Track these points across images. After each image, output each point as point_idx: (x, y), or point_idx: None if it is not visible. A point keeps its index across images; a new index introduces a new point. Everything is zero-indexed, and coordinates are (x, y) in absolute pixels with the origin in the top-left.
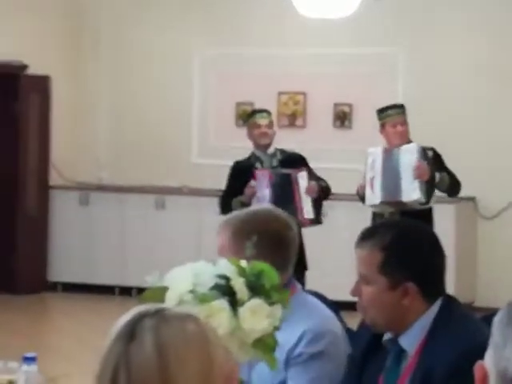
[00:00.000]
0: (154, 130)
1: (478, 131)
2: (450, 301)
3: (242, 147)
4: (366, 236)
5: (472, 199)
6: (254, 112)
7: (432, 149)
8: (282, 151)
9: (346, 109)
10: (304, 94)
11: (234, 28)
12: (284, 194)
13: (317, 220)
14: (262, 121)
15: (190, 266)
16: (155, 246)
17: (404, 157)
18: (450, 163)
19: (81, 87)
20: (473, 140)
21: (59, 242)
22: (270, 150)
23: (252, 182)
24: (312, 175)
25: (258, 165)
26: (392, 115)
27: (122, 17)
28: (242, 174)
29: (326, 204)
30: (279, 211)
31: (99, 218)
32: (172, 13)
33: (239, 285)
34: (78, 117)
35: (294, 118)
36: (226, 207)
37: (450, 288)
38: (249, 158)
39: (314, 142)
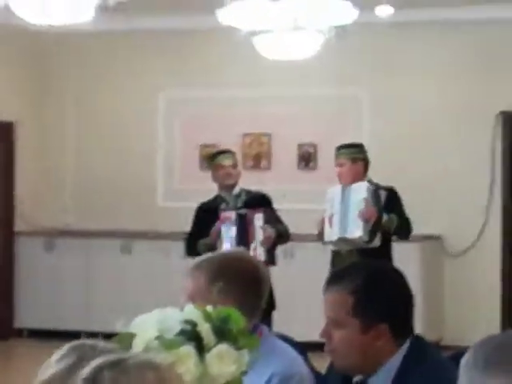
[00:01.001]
0: (120, 173)
1: (441, 170)
2: (418, 340)
3: (207, 190)
4: (335, 280)
5: (438, 237)
6: (218, 153)
7: (390, 189)
8: (247, 192)
9: (311, 149)
10: (268, 135)
11: (198, 70)
12: (241, 234)
13: (269, 262)
14: (226, 161)
15: (157, 312)
16: (122, 291)
17: (353, 195)
18: (414, 202)
19: (46, 132)
20: (437, 178)
21: (25, 288)
22: (235, 191)
23: (217, 224)
24: (272, 217)
25: (223, 206)
26: (337, 155)
27: (87, 61)
28: (207, 215)
29: (292, 244)
30: (251, 255)
31: (65, 263)
32: (137, 56)
33: (206, 330)
34: (43, 162)
35: (258, 160)
36: (191, 250)
37: (418, 326)
38: (214, 200)
39: (278, 183)
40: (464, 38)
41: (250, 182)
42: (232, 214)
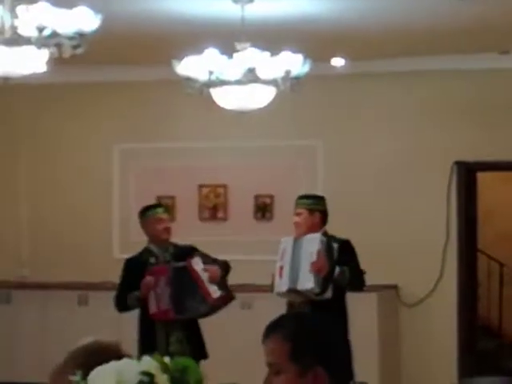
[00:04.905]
0: (76, 226)
1: (397, 220)
2: None
3: None
4: (272, 328)
5: (394, 287)
6: (154, 206)
7: (344, 241)
8: (175, 245)
9: (267, 200)
10: (225, 186)
11: (154, 122)
12: (186, 286)
13: (228, 296)
14: (164, 215)
15: (114, 364)
16: (79, 343)
17: (306, 246)
18: (369, 253)
19: (0, 185)
20: (392, 229)
21: None
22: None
23: (148, 278)
24: (208, 258)
25: (152, 259)
26: (296, 205)
27: (40, 113)
28: (135, 269)
29: (250, 295)
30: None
31: (21, 315)
32: (90, 108)
33: (163, 381)
34: None
35: (215, 211)
36: (121, 303)
37: (374, 376)
38: (141, 253)
39: (235, 234)
40: (419, 88)
41: (206, 233)
42: (164, 269)
